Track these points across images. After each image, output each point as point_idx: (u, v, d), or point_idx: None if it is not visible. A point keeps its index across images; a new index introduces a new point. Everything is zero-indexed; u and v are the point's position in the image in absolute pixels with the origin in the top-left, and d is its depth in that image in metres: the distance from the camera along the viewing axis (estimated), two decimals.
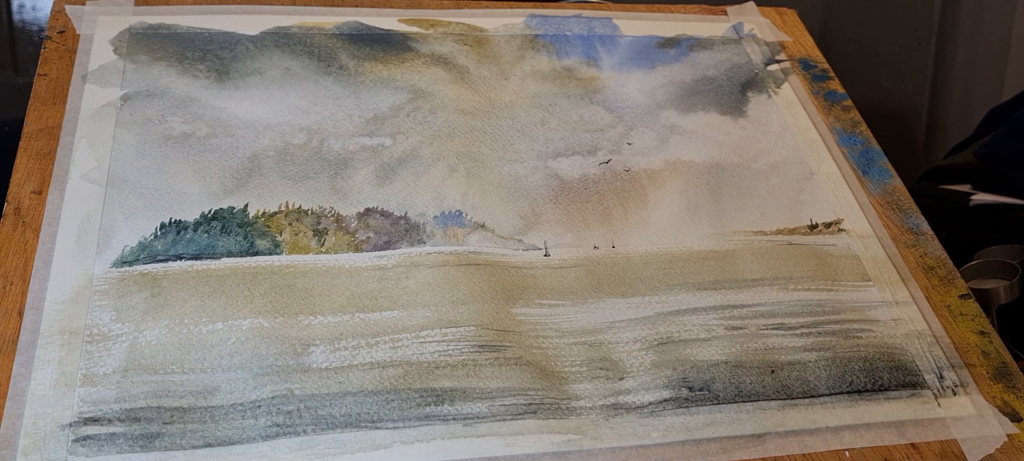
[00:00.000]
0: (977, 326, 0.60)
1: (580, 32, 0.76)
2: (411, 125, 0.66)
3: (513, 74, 0.71)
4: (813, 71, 0.77)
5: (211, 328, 0.52)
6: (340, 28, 0.72)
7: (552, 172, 0.65)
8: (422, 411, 0.50)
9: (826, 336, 0.58)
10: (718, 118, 0.71)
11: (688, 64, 0.75)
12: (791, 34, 0.80)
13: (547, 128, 0.68)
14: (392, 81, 0.69)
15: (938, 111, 1.42)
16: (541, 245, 0.60)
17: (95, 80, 0.64)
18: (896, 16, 1.42)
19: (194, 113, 0.63)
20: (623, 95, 0.71)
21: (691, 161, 0.67)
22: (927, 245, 0.65)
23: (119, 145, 0.60)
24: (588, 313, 0.57)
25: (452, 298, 0.55)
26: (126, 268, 0.54)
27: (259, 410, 0.49)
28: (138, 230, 0.56)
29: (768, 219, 0.64)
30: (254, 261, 0.56)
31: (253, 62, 0.68)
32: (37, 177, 0.58)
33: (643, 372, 0.54)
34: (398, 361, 0.52)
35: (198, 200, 0.58)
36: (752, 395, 0.54)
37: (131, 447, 0.47)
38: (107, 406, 0.48)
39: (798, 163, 0.69)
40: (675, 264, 0.61)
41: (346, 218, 0.59)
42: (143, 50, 0.67)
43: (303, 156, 0.62)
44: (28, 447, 0.46)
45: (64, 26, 0.67)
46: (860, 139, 0.72)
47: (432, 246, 0.59)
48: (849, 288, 0.61)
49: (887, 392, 0.55)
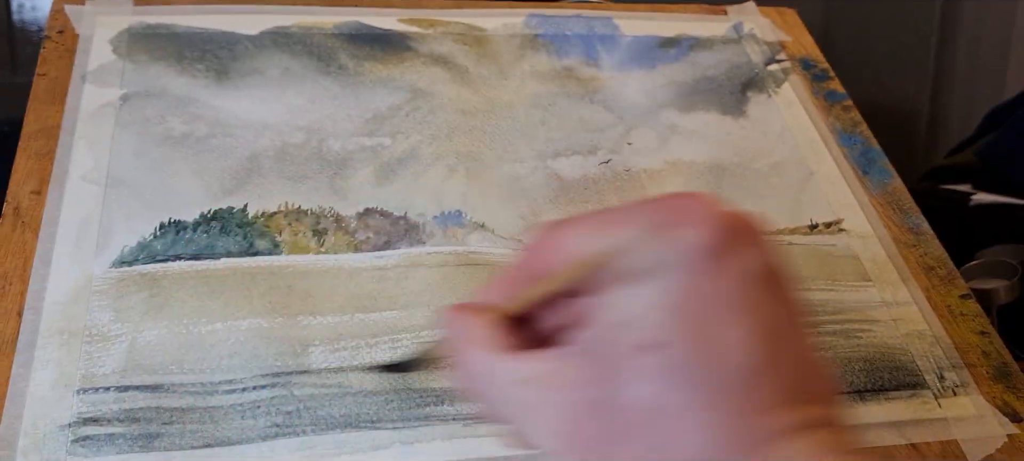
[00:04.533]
0: (977, 326, 0.60)
1: (580, 32, 0.76)
2: (410, 125, 0.66)
3: (513, 74, 0.71)
4: (813, 71, 0.77)
5: (210, 328, 0.52)
6: (339, 27, 0.72)
7: (552, 172, 0.65)
8: (422, 411, 0.50)
9: (826, 336, 0.57)
10: (718, 118, 0.71)
11: (688, 64, 0.75)
12: (791, 34, 0.80)
13: (547, 128, 0.68)
14: (391, 81, 0.68)
15: (938, 111, 1.42)
16: None
17: (94, 80, 0.64)
18: (896, 16, 1.41)
19: (193, 113, 0.63)
20: (623, 95, 0.71)
21: (691, 161, 0.67)
22: (927, 245, 0.65)
23: (118, 145, 0.60)
24: None
25: (452, 298, 0.55)
26: (125, 268, 0.54)
27: (258, 410, 0.49)
28: (137, 230, 0.56)
29: (768, 219, 0.64)
30: (253, 261, 0.56)
31: (252, 62, 0.68)
32: (36, 177, 0.57)
33: None
34: (398, 361, 0.52)
35: (197, 200, 0.58)
36: None
37: (130, 447, 0.47)
38: (106, 406, 0.48)
39: (798, 163, 0.69)
40: None
41: (345, 218, 0.59)
42: (142, 50, 0.67)
43: (302, 156, 0.62)
44: (27, 447, 0.46)
45: (63, 26, 0.67)
46: (860, 139, 0.72)
47: (432, 246, 0.58)
48: (849, 288, 0.61)
49: (887, 392, 0.55)
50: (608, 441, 0.31)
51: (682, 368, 0.30)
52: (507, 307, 0.34)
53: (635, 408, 0.30)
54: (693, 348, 0.30)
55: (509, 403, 0.33)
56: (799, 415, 0.30)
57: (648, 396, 0.30)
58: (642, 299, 0.31)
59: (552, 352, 0.33)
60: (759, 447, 0.30)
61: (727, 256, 0.31)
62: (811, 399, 0.31)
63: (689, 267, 0.30)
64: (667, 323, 0.30)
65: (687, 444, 0.30)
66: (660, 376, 0.30)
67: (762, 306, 0.31)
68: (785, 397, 0.30)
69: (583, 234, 0.33)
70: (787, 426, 0.30)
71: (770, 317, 0.31)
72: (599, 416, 0.31)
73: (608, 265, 0.31)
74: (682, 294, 0.30)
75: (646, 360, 0.30)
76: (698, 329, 0.30)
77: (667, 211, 0.31)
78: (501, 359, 0.33)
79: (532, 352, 0.33)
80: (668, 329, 0.30)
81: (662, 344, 0.30)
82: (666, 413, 0.30)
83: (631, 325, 0.31)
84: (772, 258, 0.33)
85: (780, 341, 0.31)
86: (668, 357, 0.30)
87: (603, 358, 0.31)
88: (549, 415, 0.32)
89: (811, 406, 0.31)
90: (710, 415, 0.30)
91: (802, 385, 0.31)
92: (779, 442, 0.30)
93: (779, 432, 0.30)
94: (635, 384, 0.30)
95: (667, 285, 0.30)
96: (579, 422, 0.31)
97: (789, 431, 0.30)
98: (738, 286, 0.31)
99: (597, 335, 0.31)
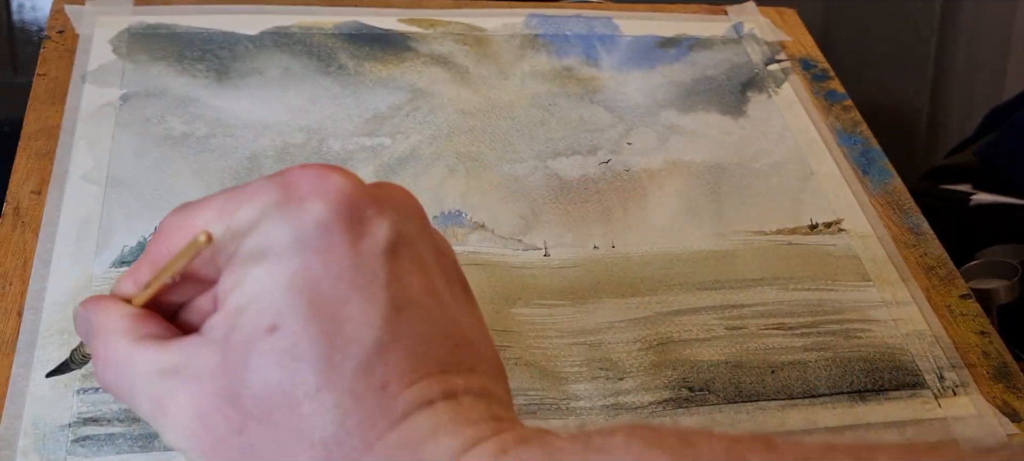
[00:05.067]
0: (977, 326, 0.60)
1: (580, 32, 0.76)
2: (411, 125, 0.66)
3: (513, 74, 0.71)
4: (813, 71, 0.77)
5: None
6: (340, 28, 0.72)
7: (552, 172, 0.65)
8: None
9: (826, 336, 0.57)
10: (718, 118, 0.71)
11: (688, 64, 0.75)
12: (791, 34, 0.80)
13: (547, 128, 0.68)
14: (391, 81, 0.68)
15: (938, 111, 1.42)
16: (541, 245, 0.60)
17: (94, 80, 0.64)
18: (896, 16, 1.42)
19: (193, 113, 0.63)
20: (623, 95, 0.71)
21: (691, 161, 0.67)
22: (927, 245, 0.65)
23: (118, 145, 0.60)
24: (588, 313, 0.56)
25: None
26: (125, 268, 0.54)
27: None
28: (137, 230, 0.56)
29: (768, 219, 0.64)
30: None
31: (252, 62, 0.68)
32: (36, 177, 0.58)
33: (643, 372, 0.54)
34: None
35: None
36: (752, 395, 0.54)
37: (131, 447, 0.47)
38: (106, 406, 0.48)
39: (798, 163, 0.69)
40: (675, 264, 0.60)
41: None
42: (142, 50, 0.67)
43: (302, 156, 0.62)
44: (27, 447, 0.46)
45: (63, 26, 0.67)
46: (860, 139, 0.72)
47: None
48: (849, 288, 0.61)
49: (887, 392, 0.55)
50: (238, 433, 0.29)
51: (304, 349, 0.29)
52: (139, 298, 0.33)
53: (263, 395, 0.29)
54: (314, 328, 0.29)
55: (147, 398, 0.31)
56: (426, 388, 0.29)
57: (274, 381, 0.29)
58: (263, 279, 0.29)
59: (189, 340, 0.31)
60: (394, 425, 0.29)
61: (349, 230, 0.30)
62: (447, 369, 0.30)
63: (308, 244, 0.30)
64: (288, 303, 0.29)
65: (316, 428, 0.28)
66: (283, 359, 0.29)
67: (387, 278, 0.30)
68: (414, 370, 0.29)
69: (208, 215, 0.31)
70: (418, 400, 0.29)
71: (396, 289, 0.30)
72: (229, 407, 0.29)
73: (227, 246, 0.30)
74: (302, 272, 0.29)
75: (270, 344, 0.29)
76: (318, 307, 0.29)
77: (289, 187, 0.30)
78: (139, 348, 0.31)
79: (171, 341, 0.31)
80: (289, 309, 0.29)
81: (282, 325, 0.29)
82: (293, 398, 0.29)
83: (253, 308, 0.29)
84: (405, 228, 0.31)
85: (406, 312, 0.30)
86: (289, 338, 0.29)
87: (231, 344, 0.30)
88: (184, 410, 0.30)
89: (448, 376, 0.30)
90: (336, 395, 0.28)
91: (436, 355, 0.30)
92: (415, 416, 0.29)
93: (414, 406, 0.29)
94: (262, 370, 0.29)
95: (288, 264, 0.29)
96: (209, 416, 0.30)
97: (420, 405, 0.29)
98: (361, 260, 0.30)
99: (225, 319, 0.30)
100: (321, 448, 0.28)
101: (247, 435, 0.29)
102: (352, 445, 0.29)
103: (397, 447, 0.29)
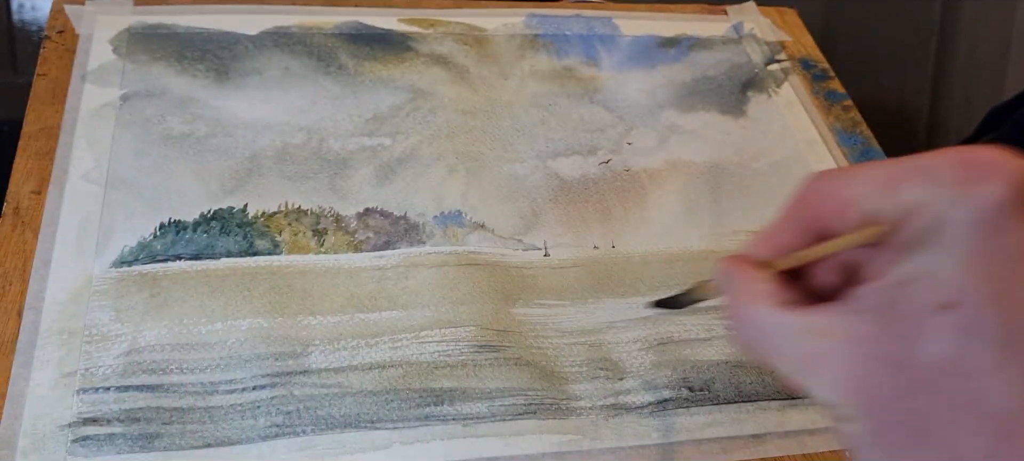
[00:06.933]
0: None
1: (580, 32, 0.76)
2: (411, 125, 0.66)
3: (513, 74, 0.71)
4: (813, 71, 0.77)
5: (210, 328, 0.52)
6: (340, 28, 0.72)
7: (552, 172, 0.65)
8: (421, 411, 0.50)
9: None
10: (718, 118, 0.71)
11: (688, 64, 0.75)
12: (791, 34, 0.80)
13: (547, 128, 0.68)
14: (392, 81, 0.68)
15: (938, 111, 1.42)
16: (541, 245, 0.60)
17: (94, 80, 0.64)
18: (896, 16, 1.42)
19: (193, 113, 0.63)
20: (623, 95, 0.71)
21: (691, 161, 0.67)
22: None
23: (118, 145, 0.60)
24: (588, 313, 0.56)
25: (452, 298, 0.55)
26: (125, 268, 0.54)
27: (258, 410, 0.49)
28: (137, 230, 0.56)
29: (768, 219, 0.64)
30: (253, 261, 0.56)
31: (252, 62, 0.68)
32: (36, 177, 0.58)
33: (643, 372, 0.54)
34: (397, 361, 0.52)
35: (197, 200, 0.58)
36: (752, 395, 0.54)
37: (130, 447, 0.47)
38: (106, 406, 0.48)
39: (798, 163, 0.69)
40: (675, 264, 0.60)
41: (345, 218, 0.59)
42: (142, 50, 0.67)
43: (302, 156, 0.62)
44: (27, 447, 0.46)
45: (63, 26, 0.67)
46: (860, 139, 0.72)
47: (432, 246, 0.58)
48: None
49: None
50: (903, 395, 0.31)
51: (982, 326, 0.30)
52: (783, 263, 0.35)
53: (932, 366, 0.30)
54: (992, 308, 0.30)
55: (792, 356, 0.33)
56: None
57: (947, 354, 0.30)
58: (937, 257, 0.31)
59: (840, 306, 0.33)
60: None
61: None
62: None
63: (988, 224, 0.30)
64: (967, 282, 0.30)
65: (993, 400, 0.29)
66: (959, 335, 0.30)
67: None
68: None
69: (864, 188, 0.33)
70: None
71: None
72: (893, 371, 0.31)
73: (902, 224, 0.31)
74: (982, 252, 0.30)
75: (944, 319, 0.30)
76: (998, 287, 0.30)
77: (964, 166, 0.31)
78: (784, 313, 0.34)
79: (817, 307, 0.33)
80: (967, 288, 0.30)
81: (960, 303, 0.30)
82: (966, 371, 0.30)
83: (927, 283, 0.31)
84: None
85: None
86: (967, 315, 0.30)
87: (897, 315, 0.31)
88: (838, 367, 0.32)
89: None
90: (1014, 371, 0.29)
91: None
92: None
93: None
94: (932, 342, 0.30)
95: (966, 243, 0.30)
96: (872, 375, 0.31)
97: None
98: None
99: (884, 291, 0.31)
100: (993, 421, 0.29)
101: (913, 400, 0.31)
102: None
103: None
